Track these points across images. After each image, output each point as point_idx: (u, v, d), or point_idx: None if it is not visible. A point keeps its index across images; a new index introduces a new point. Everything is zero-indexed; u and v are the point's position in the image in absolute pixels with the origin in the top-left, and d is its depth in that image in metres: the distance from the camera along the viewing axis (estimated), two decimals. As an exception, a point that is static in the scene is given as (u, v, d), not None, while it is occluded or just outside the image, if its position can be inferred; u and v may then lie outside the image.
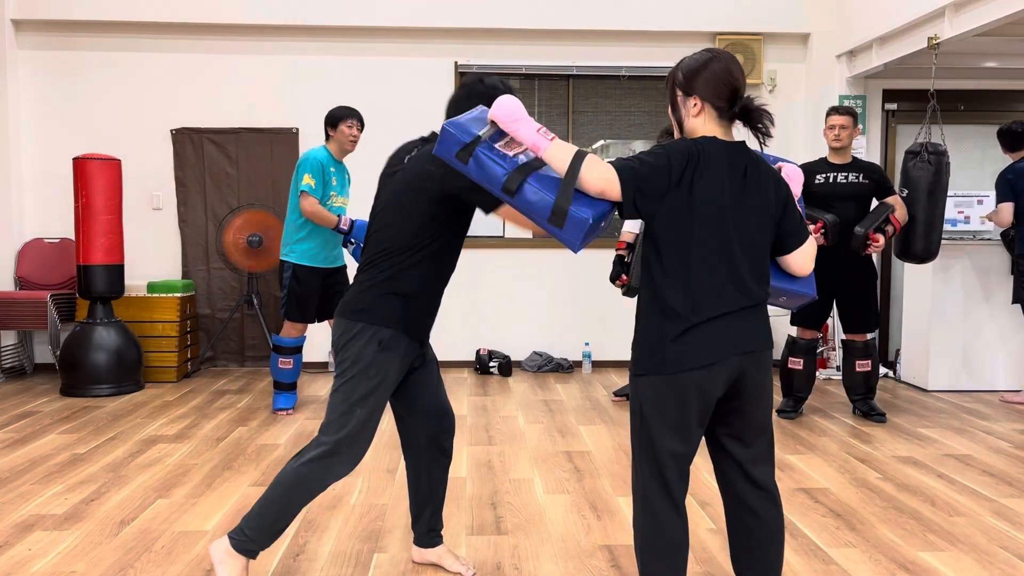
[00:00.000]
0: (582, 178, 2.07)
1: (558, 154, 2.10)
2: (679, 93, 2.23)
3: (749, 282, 2.16)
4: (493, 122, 2.19)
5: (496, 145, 2.16)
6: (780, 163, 2.40)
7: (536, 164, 2.13)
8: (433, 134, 2.60)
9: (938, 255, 5.28)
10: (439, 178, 2.44)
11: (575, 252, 2.13)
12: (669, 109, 2.28)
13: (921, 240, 5.09)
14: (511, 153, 2.15)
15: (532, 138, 2.13)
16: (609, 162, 2.12)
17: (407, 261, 2.52)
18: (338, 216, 4.90)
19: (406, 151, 2.66)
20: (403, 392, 2.72)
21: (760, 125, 2.20)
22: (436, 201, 2.48)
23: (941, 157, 5.04)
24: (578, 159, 2.08)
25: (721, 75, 2.17)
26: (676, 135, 2.29)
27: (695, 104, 2.19)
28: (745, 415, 2.22)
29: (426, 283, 2.55)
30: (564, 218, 2.06)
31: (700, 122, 2.20)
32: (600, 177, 2.07)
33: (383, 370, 2.52)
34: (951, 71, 6.34)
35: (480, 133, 2.17)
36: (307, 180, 4.82)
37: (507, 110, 2.16)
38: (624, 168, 2.10)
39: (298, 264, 4.98)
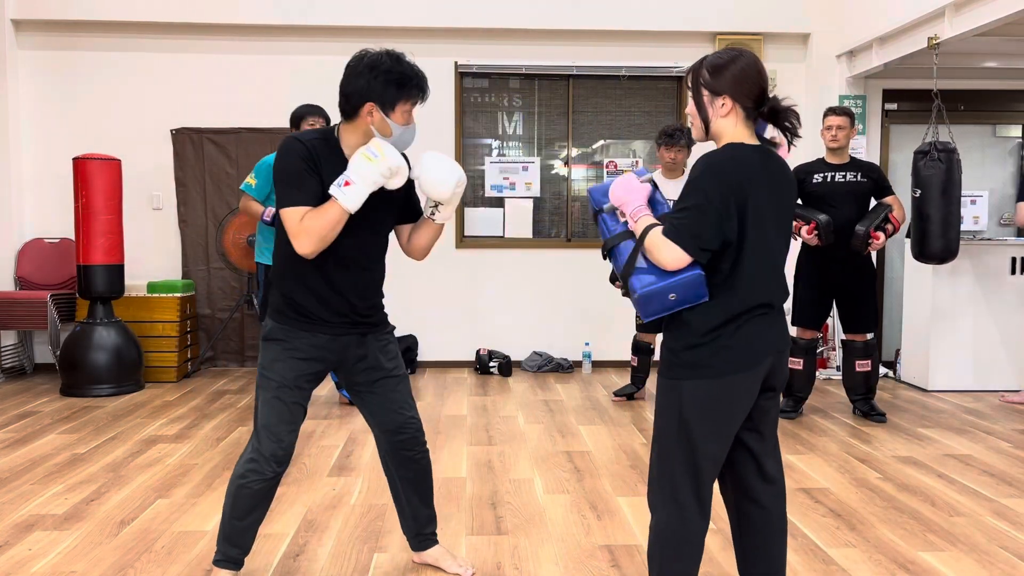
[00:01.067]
0: (657, 259, 2.11)
1: (639, 229, 2.18)
2: (706, 92, 2.16)
3: (783, 280, 2.18)
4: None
5: (613, 213, 2.34)
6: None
7: (629, 235, 2.26)
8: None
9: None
10: None
11: (644, 320, 2.22)
12: (694, 109, 2.21)
13: (939, 240, 5.06)
14: (622, 220, 2.30)
15: (633, 214, 2.21)
16: (666, 230, 2.10)
17: (280, 259, 2.58)
18: (264, 208, 4.69)
19: None
20: (363, 404, 2.72)
21: (788, 124, 2.16)
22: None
23: (951, 155, 5.03)
24: (643, 236, 2.14)
25: (749, 72, 2.13)
26: (700, 137, 2.24)
27: (723, 104, 2.13)
28: (767, 410, 2.24)
29: (298, 281, 2.53)
30: (625, 283, 2.19)
31: (729, 122, 2.15)
32: (671, 258, 2.08)
33: (271, 362, 2.55)
34: (951, 71, 6.33)
35: (604, 206, 2.35)
36: (248, 180, 4.71)
37: (618, 193, 2.24)
38: (683, 237, 2.07)
39: (270, 266, 4.96)
